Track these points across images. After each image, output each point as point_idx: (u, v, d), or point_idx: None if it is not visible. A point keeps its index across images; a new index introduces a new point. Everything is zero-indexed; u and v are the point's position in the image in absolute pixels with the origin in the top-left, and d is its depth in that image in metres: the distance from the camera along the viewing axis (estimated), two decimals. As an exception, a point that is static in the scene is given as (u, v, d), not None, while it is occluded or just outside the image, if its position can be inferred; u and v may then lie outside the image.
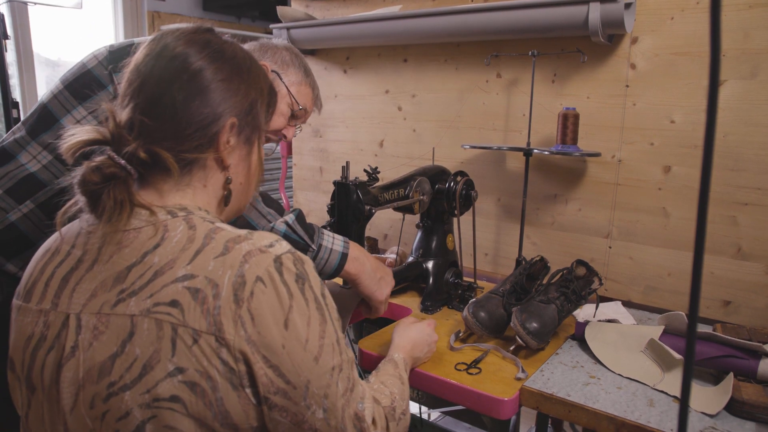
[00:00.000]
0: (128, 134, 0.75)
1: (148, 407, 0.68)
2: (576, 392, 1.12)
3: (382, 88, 2.12)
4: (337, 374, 0.75)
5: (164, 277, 0.70)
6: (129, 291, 0.71)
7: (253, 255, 0.71)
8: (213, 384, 0.68)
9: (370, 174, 1.40)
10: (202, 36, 0.81)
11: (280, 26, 2.14)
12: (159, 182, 0.78)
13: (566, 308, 1.35)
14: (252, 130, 0.85)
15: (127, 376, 0.69)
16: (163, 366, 0.68)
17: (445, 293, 1.61)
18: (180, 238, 0.72)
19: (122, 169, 0.74)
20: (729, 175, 1.47)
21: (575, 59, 1.67)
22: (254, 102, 0.84)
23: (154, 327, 0.69)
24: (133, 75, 0.78)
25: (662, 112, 1.56)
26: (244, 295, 0.69)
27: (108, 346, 0.70)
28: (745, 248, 1.47)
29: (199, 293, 0.69)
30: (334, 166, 2.31)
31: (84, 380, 0.71)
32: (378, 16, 1.89)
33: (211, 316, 0.68)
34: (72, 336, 0.72)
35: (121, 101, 0.78)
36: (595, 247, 1.71)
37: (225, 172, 0.83)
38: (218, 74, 0.79)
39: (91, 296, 0.73)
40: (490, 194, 1.90)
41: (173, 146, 0.76)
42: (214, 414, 0.69)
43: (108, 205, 0.72)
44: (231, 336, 0.68)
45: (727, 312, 1.51)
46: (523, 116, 1.79)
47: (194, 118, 0.77)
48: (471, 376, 1.17)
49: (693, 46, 1.49)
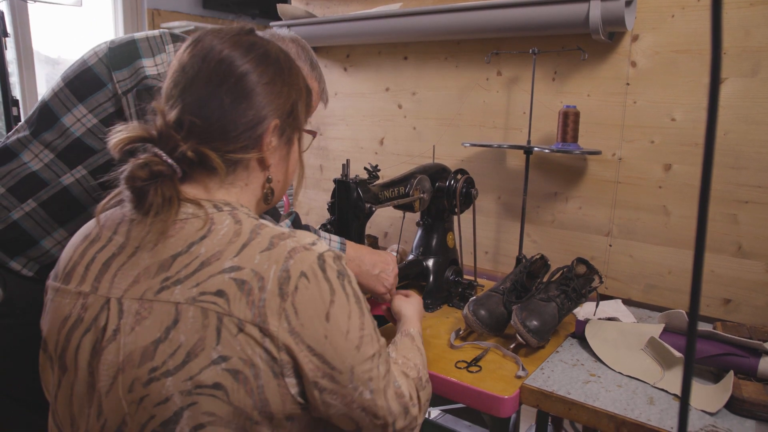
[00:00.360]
0: (177, 133, 0.78)
1: (189, 394, 0.70)
2: (576, 390, 1.12)
3: (382, 85, 2.11)
4: (377, 359, 0.79)
5: (211, 267, 0.72)
6: (174, 279, 0.73)
7: (297, 252, 0.74)
8: (256, 372, 0.70)
9: (371, 172, 1.40)
10: (246, 38, 0.84)
11: (281, 24, 2.14)
12: (204, 179, 0.81)
13: (566, 306, 1.35)
14: (293, 131, 0.88)
15: (170, 362, 0.70)
16: (208, 354, 0.70)
17: (446, 291, 1.61)
18: (227, 231, 0.75)
19: (169, 167, 0.77)
20: (729, 173, 1.47)
21: (576, 57, 1.67)
22: (295, 103, 0.87)
23: (199, 315, 0.71)
24: (179, 76, 0.80)
25: (663, 110, 1.55)
26: (289, 289, 0.72)
27: (151, 332, 0.72)
28: (745, 246, 1.47)
29: (245, 285, 0.71)
30: (334, 164, 2.31)
31: (124, 364, 0.72)
32: (378, 14, 1.89)
33: (256, 307, 0.70)
34: (114, 320, 0.74)
35: (167, 101, 0.80)
36: (595, 245, 1.71)
37: (266, 172, 0.86)
38: (263, 77, 0.82)
39: (134, 282, 0.75)
40: (490, 192, 1.90)
41: (220, 147, 0.79)
42: (254, 402, 0.71)
43: (156, 201, 0.74)
44: (275, 328, 0.71)
45: (728, 310, 1.51)
46: (524, 114, 1.79)
47: (241, 120, 0.79)
48: (471, 374, 1.18)
49: (694, 44, 1.49)
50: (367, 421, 0.80)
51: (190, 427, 0.71)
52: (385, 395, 0.81)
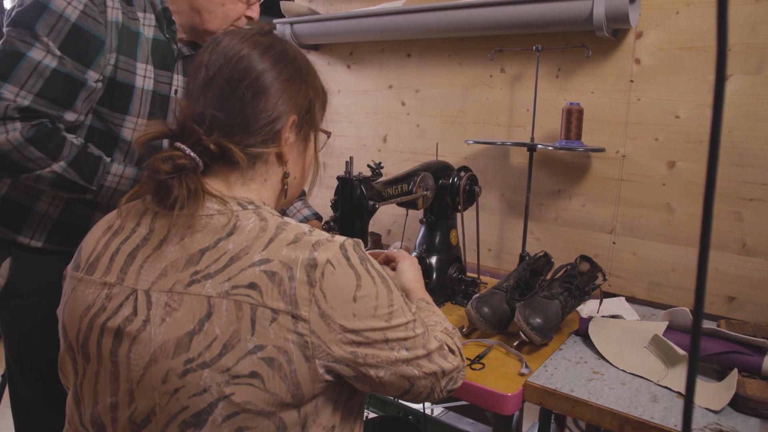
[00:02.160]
0: (199, 127, 0.81)
1: (227, 384, 0.72)
2: (579, 388, 1.12)
3: (385, 83, 2.11)
4: (412, 326, 0.83)
5: (240, 262, 0.75)
6: (204, 273, 0.75)
7: (321, 244, 0.77)
8: (289, 357, 0.73)
9: (374, 169, 1.40)
10: (264, 38, 0.88)
11: (284, 21, 2.14)
12: (225, 174, 0.84)
13: (570, 304, 1.35)
14: (309, 128, 0.92)
15: (206, 354, 0.73)
16: (243, 345, 0.72)
17: (449, 288, 1.61)
18: (253, 227, 0.78)
19: (192, 160, 0.80)
20: (734, 170, 1.46)
21: (579, 54, 1.66)
22: (312, 101, 0.91)
23: (233, 308, 0.73)
24: (201, 72, 0.84)
25: (667, 107, 1.55)
26: (316, 276, 0.75)
27: (183, 324, 0.74)
28: (750, 244, 1.47)
29: (275, 276, 0.74)
30: (337, 162, 2.31)
31: (157, 354, 0.74)
32: (381, 11, 1.88)
33: (288, 296, 0.74)
34: (142, 310, 0.76)
35: (189, 96, 0.84)
36: (598, 242, 1.71)
37: (283, 167, 0.89)
38: (282, 74, 0.85)
39: (161, 275, 0.77)
40: (493, 190, 1.90)
41: (241, 140, 0.82)
42: (288, 386, 0.74)
43: (181, 194, 0.77)
44: (306, 313, 0.74)
45: (732, 308, 1.51)
46: (527, 111, 1.79)
47: (261, 114, 0.83)
48: (474, 372, 1.18)
49: (698, 41, 1.48)
50: (416, 372, 0.83)
51: (223, 416, 0.73)
52: (426, 347, 0.84)
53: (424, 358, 0.84)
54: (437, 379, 0.87)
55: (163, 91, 1.32)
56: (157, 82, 1.30)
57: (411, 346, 0.82)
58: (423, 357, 0.84)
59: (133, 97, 1.26)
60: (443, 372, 0.87)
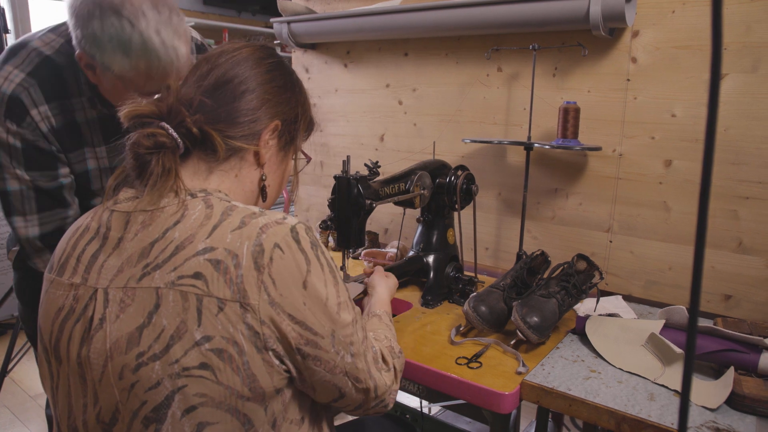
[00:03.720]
0: (186, 109, 0.83)
1: (178, 376, 0.72)
2: (576, 386, 1.12)
3: (382, 82, 2.11)
4: (356, 326, 0.84)
5: (185, 251, 0.75)
6: (153, 265, 0.76)
7: (269, 227, 0.77)
8: (239, 349, 0.72)
9: (371, 168, 1.40)
10: (266, 49, 0.93)
11: (281, 20, 2.14)
12: (199, 162, 0.86)
13: (567, 302, 1.35)
14: (288, 141, 0.95)
15: (156, 346, 0.72)
16: (191, 336, 0.72)
17: (446, 287, 1.61)
18: (198, 215, 0.78)
19: (173, 140, 0.82)
20: (730, 168, 1.47)
21: (576, 53, 1.67)
22: (298, 115, 0.95)
23: (179, 299, 0.73)
24: (202, 63, 0.88)
25: (663, 105, 1.55)
26: (264, 261, 0.74)
27: (135, 318, 0.74)
28: (746, 242, 1.47)
29: (220, 264, 0.73)
30: (334, 161, 2.31)
31: (112, 351, 0.74)
32: (378, 10, 1.88)
33: (235, 284, 0.73)
34: (99, 309, 0.76)
35: (185, 81, 0.88)
36: (595, 241, 1.71)
37: (260, 170, 0.91)
38: (276, 80, 0.90)
39: (118, 272, 0.78)
40: (490, 188, 1.90)
41: (223, 129, 0.85)
42: (242, 378, 0.73)
43: (156, 170, 0.79)
44: (255, 301, 0.73)
45: (728, 306, 1.51)
46: (524, 110, 1.79)
47: (248, 108, 0.86)
48: (471, 371, 1.18)
49: (694, 40, 1.49)
50: (349, 385, 0.83)
51: (181, 410, 0.72)
52: (365, 358, 0.85)
53: (363, 369, 0.84)
54: (367, 397, 0.87)
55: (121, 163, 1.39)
56: (113, 156, 1.36)
57: (356, 352, 0.83)
58: (361, 368, 0.84)
59: (90, 178, 1.34)
60: (375, 389, 0.87)
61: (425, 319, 1.45)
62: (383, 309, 1.15)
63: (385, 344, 0.98)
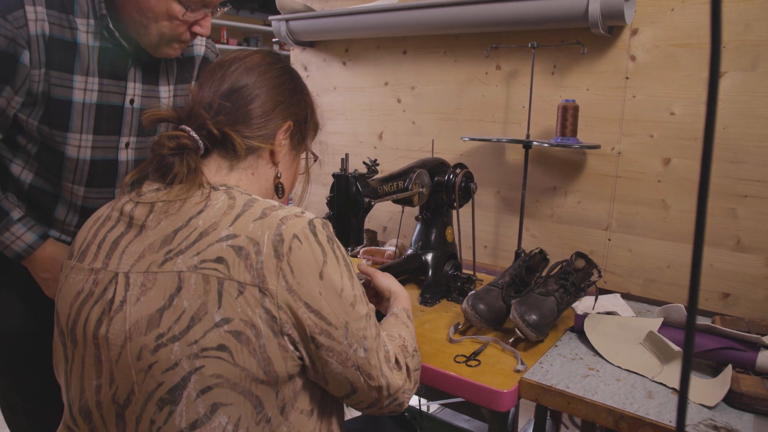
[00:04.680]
0: (207, 112, 0.88)
1: (196, 357, 0.74)
2: (575, 384, 1.12)
3: (381, 80, 2.11)
4: (368, 320, 0.86)
5: (209, 237, 0.79)
6: (176, 251, 0.79)
7: (289, 219, 0.81)
8: (257, 332, 0.75)
9: (370, 166, 1.40)
10: (275, 55, 0.99)
11: (279, 18, 2.13)
12: (219, 160, 0.91)
13: (565, 300, 1.35)
14: (299, 140, 1.00)
15: (175, 328, 0.75)
16: (210, 317, 0.75)
17: (445, 285, 1.61)
18: (221, 205, 0.82)
19: (194, 141, 0.87)
20: (728, 167, 1.47)
21: (575, 51, 1.67)
22: (308, 116, 1.01)
23: (201, 281, 0.76)
24: (216, 69, 0.94)
25: (662, 104, 1.55)
26: (284, 250, 0.77)
27: (155, 301, 0.77)
28: (744, 241, 1.47)
29: (242, 250, 0.77)
30: (333, 159, 2.31)
31: (131, 332, 0.77)
32: (377, 8, 1.88)
33: (255, 270, 0.76)
34: (120, 292, 0.80)
35: (202, 87, 0.92)
36: (594, 239, 1.71)
37: (275, 168, 0.96)
38: (288, 84, 0.96)
39: (140, 257, 0.81)
40: (489, 186, 1.90)
41: (241, 130, 0.90)
42: (258, 361, 0.76)
43: (181, 170, 0.84)
44: (273, 286, 0.76)
45: (726, 304, 1.51)
46: (523, 108, 1.79)
47: (264, 110, 0.92)
48: (470, 368, 1.18)
49: (693, 38, 1.49)
50: (361, 381, 0.85)
51: (197, 390, 0.75)
52: (378, 355, 0.87)
53: (375, 366, 0.86)
54: (380, 395, 0.88)
55: (113, 102, 1.25)
56: (104, 93, 1.23)
57: (368, 347, 0.85)
58: (374, 365, 0.86)
59: (72, 113, 1.20)
60: (388, 387, 0.88)
61: (424, 317, 1.45)
62: (400, 306, 1.15)
63: (398, 343, 0.99)
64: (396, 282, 1.26)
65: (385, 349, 0.91)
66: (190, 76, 1.42)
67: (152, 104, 1.32)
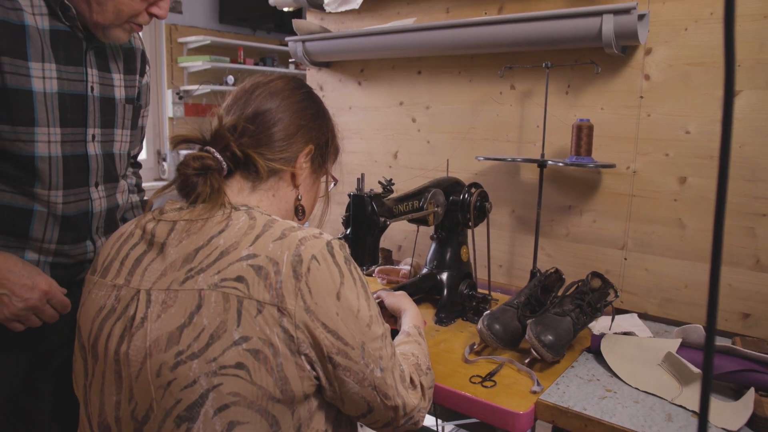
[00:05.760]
0: (231, 134, 0.91)
1: (215, 375, 0.75)
2: (592, 406, 1.11)
3: (396, 99, 2.13)
4: (384, 340, 0.87)
5: (230, 256, 0.80)
6: (197, 269, 0.81)
7: (307, 240, 0.82)
8: (274, 350, 0.76)
9: (385, 186, 1.40)
10: (297, 80, 1.02)
11: (296, 39, 2.16)
12: (241, 180, 0.93)
13: (582, 321, 1.34)
14: (320, 164, 1.02)
15: (194, 345, 0.76)
16: (229, 335, 0.76)
17: (460, 305, 1.60)
18: (242, 225, 0.84)
19: (218, 162, 0.89)
20: (746, 185, 1.46)
21: (589, 71, 1.67)
22: (329, 140, 1.03)
23: (221, 300, 0.77)
24: (241, 94, 0.96)
25: (677, 122, 1.55)
26: (302, 270, 0.79)
27: (176, 318, 0.78)
28: (763, 260, 1.45)
29: (262, 270, 0.78)
30: (348, 178, 2.32)
31: (151, 349, 0.78)
32: (392, 29, 1.90)
33: (274, 289, 0.77)
34: (141, 309, 0.81)
35: (227, 111, 0.95)
36: (610, 258, 1.70)
37: (296, 190, 0.98)
38: (310, 109, 0.99)
39: (161, 275, 0.83)
40: (504, 206, 1.90)
41: (264, 152, 0.92)
42: (275, 380, 0.76)
43: (204, 190, 0.87)
44: (292, 306, 0.77)
45: (747, 325, 1.49)
46: (537, 128, 1.79)
47: (286, 133, 0.94)
48: (486, 389, 1.17)
49: (707, 57, 1.49)
50: (378, 400, 0.85)
51: (214, 408, 0.75)
52: (393, 375, 0.87)
53: (392, 385, 0.87)
54: (396, 414, 0.89)
55: (75, 90, 1.15)
56: (64, 81, 1.12)
57: (385, 367, 0.85)
58: (390, 385, 0.86)
59: (35, 104, 1.07)
60: (404, 407, 0.89)
61: (439, 336, 1.45)
62: (412, 323, 1.16)
63: (412, 361, 0.99)
64: (407, 300, 1.26)
65: (400, 369, 0.91)
66: (135, 68, 1.33)
67: (109, 93, 1.24)
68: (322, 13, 2.26)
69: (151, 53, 4.02)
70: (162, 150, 4.11)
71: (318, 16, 2.30)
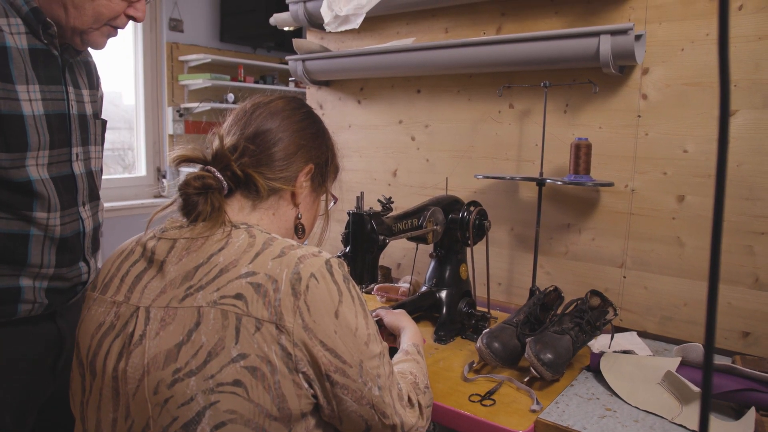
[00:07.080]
0: (231, 154, 0.91)
1: (212, 392, 0.75)
2: (592, 425, 1.10)
3: (395, 118, 2.14)
4: (382, 359, 0.87)
5: (229, 274, 0.81)
6: (196, 286, 0.81)
7: (306, 258, 0.83)
8: (272, 368, 0.76)
9: (384, 204, 1.41)
10: (297, 100, 1.03)
11: (296, 58, 2.18)
12: (242, 199, 0.93)
13: (581, 339, 1.33)
14: (320, 183, 1.03)
15: (192, 362, 0.76)
16: (227, 352, 0.76)
17: (459, 323, 1.60)
18: (242, 243, 0.84)
19: (218, 181, 0.90)
20: (744, 204, 1.46)
21: (587, 90, 1.69)
22: (328, 159, 1.04)
23: (219, 317, 0.78)
24: (241, 114, 0.97)
25: (675, 141, 1.56)
26: (301, 288, 0.79)
27: (174, 336, 0.78)
28: (762, 278, 1.46)
29: (261, 288, 0.79)
30: (348, 196, 2.32)
31: (149, 366, 0.78)
32: (391, 48, 1.92)
33: (273, 307, 0.78)
34: (140, 326, 0.81)
35: (228, 131, 0.96)
36: (609, 276, 1.70)
37: (296, 209, 0.99)
38: (310, 128, 1.00)
39: (161, 293, 0.83)
40: (503, 224, 1.90)
41: (264, 172, 0.93)
42: (272, 397, 0.76)
43: (205, 209, 0.87)
44: (290, 324, 0.77)
45: (747, 343, 1.49)
46: (536, 146, 1.80)
47: (286, 153, 0.95)
48: (485, 408, 1.16)
49: (704, 77, 1.50)
50: (376, 419, 0.85)
51: (211, 426, 0.75)
52: (391, 393, 0.87)
53: (389, 404, 0.86)
54: None
55: (58, 110, 1.13)
56: (48, 102, 1.10)
57: (383, 386, 0.85)
58: (388, 403, 0.86)
59: (26, 128, 1.05)
60: (402, 425, 0.89)
61: (438, 355, 1.44)
62: (412, 342, 1.16)
63: (410, 380, 0.99)
64: (406, 318, 1.25)
65: (398, 387, 0.91)
66: (94, 82, 1.31)
67: (82, 110, 1.23)
68: (322, 33, 2.28)
69: (152, 71, 4.05)
70: (162, 167, 4.12)
71: (318, 36, 2.32)
